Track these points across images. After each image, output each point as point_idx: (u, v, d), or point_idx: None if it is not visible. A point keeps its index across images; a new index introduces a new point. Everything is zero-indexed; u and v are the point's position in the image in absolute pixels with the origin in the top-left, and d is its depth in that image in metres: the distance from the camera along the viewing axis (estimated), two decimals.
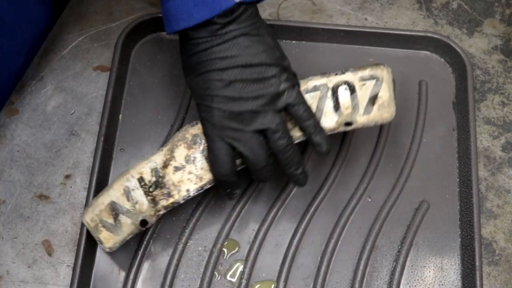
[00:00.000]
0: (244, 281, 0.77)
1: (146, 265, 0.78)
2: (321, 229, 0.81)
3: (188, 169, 0.73)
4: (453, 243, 0.80)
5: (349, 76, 0.74)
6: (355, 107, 0.74)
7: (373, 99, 0.75)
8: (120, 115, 0.86)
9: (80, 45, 0.91)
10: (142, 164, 0.74)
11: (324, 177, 0.83)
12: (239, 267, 0.78)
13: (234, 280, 0.78)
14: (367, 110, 0.75)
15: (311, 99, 0.74)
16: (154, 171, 0.73)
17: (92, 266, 0.78)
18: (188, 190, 0.74)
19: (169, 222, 0.80)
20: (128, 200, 0.73)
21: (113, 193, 0.74)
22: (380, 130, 0.86)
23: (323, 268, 0.78)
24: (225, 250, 0.79)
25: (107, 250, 0.75)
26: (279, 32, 0.89)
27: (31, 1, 0.87)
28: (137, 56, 0.90)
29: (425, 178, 0.83)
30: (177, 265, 0.78)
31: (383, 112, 0.75)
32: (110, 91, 0.84)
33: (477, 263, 0.76)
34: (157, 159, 0.74)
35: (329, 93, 0.74)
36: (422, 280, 0.78)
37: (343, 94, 0.74)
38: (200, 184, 0.74)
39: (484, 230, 0.81)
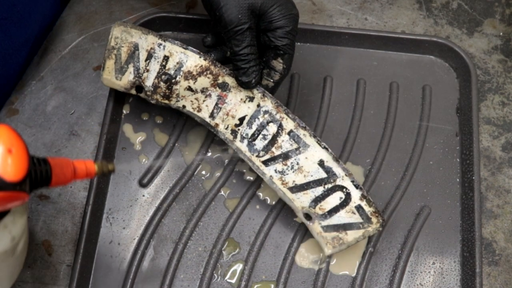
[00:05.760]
0: (243, 283, 0.78)
1: (145, 265, 0.78)
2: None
3: (197, 96, 0.77)
4: (454, 248, 0.80)
5: (356, 195, 0.74)
6: (326, 216, 0.75)
7: (340, 228, 0.75)
8: (123, 115, 0.86)
9: (80, 45, 0.90)
10: (178, 48, 0.77)
11: None
12: (238, 268, 0.78)
13: (233, 281, 0.78)
14: (327, 229, 0.75)
15: (315, 171, 0.75)
16: (179, 65, 0.77)
17: (91, 265, 0.78)
18: (183, 107, 0.78)
19: (169, 222, 0.81)
20: (146, 60, 0.77)
21: (144, 41, 0.77)
22: (383, 133, 0.86)
23: (323, 271, 0.78)
24: (224, 252, 0.79)
25: (101, 78, 0.79)
26: None
27: None
28: None
29: (427, 183, 0.83)
30: (176, 265, 0.79)
31: (331, 244, 0.75)
32: (114, 90, 0.83)
33: (478, 269, 0.76)
34: (190, 58, 0.77)
35: (329, 186, 0.74)
36: (421, 285, 0.78)
37: (334, 199, 0.75)
38: (196, 113, 0.78)
39: (484, 230, 0.81)
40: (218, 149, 0.84)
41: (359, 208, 0.74)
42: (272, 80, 0.76)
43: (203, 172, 0.83)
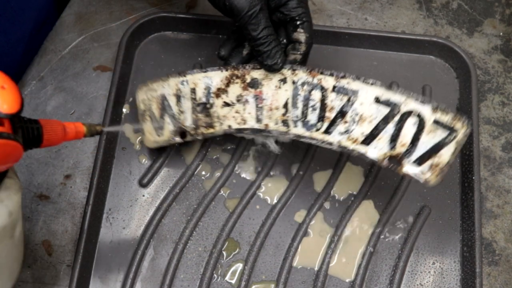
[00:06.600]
0: (243, 283, 0.77)
1: (145, 265, 0.78)
2: (322, 232, 0.80)
3: (236, 108, 0.75)
4: (454, 248, 0.80)
5: (427, 111, 0.69)
6: (410, 149, 0.70)
7: (431, 153, 0.70)
8: (123, 115, 0.86)
9: (80, 45, 0.90)
10: (198, 75, 0.75)
11: (326, 180, 0.83)
12: (238, 268, 0.78)
13: (233, 281, 0.78)
14: (419, 161, 0.70)
15: (376, 111, 0.70)
16: (207, 90, 0.75)
17: (91, 265, 0.78)
18: (229, 126, 0.76)
19: (169, 222, 0.81)
20: (177, 104, 0.76)
21: (168, 88, 0.76)
22: None
23: (323, 271, 0.78)
24: (224, 252, 0.79)
25: (147, 144, 0.79)
26: None
27: None
28: (141, 55, 0.90)
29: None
30: (176, 265, 0.78)
31: (432, 174, 0.70)
32: (113, 90, 0.84)
33: (478, 269, 0.76)
34: (214, 78, 0.75)
35: (397, 117, 0.70)
36: (421, 285, 0.78)
37: (409, 128, 0.69)
38: (243, 126, 0.75)
39: (484, 230, 0.81)
40: (218, 149, 0.84)
41: (437, 122, 0.69)
42: (299, 53, 0.74)
43: (203, 172, 0.83)
